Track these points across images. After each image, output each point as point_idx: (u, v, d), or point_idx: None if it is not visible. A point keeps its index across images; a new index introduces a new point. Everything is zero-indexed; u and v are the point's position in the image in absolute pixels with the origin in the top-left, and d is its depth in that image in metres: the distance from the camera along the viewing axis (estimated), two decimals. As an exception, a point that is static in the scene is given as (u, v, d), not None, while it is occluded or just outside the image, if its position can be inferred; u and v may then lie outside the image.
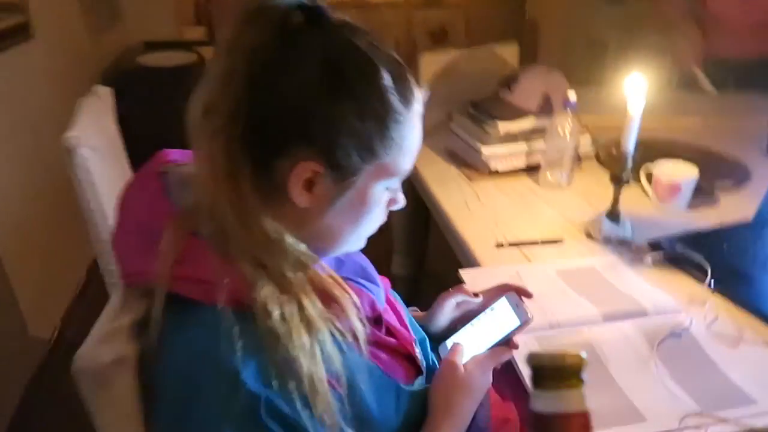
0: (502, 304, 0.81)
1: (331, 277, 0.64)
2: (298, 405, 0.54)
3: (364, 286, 0.70)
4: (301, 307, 0.57)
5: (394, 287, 0.87)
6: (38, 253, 1.94)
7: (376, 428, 0.65)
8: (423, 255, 2.14)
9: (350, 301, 0.62)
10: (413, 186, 1.65)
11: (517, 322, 0.76)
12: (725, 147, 1.57)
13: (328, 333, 0.58)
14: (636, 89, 1.08)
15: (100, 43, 2.72)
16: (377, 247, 0.81)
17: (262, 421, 0.53)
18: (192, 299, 0.56)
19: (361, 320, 0.62)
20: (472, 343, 0.77)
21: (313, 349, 0.56)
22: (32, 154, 1.91)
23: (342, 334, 0.60)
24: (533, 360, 0.37)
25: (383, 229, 0.71)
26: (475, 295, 0.84)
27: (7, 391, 1.68)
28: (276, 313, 0.55)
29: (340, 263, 0.73)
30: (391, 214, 0.69)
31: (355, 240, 0.68)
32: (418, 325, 0.84)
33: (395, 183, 0.65)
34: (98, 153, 1.03)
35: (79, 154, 1.00)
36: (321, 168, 0.58)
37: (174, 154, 0.67)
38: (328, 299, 0.60)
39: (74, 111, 1.15)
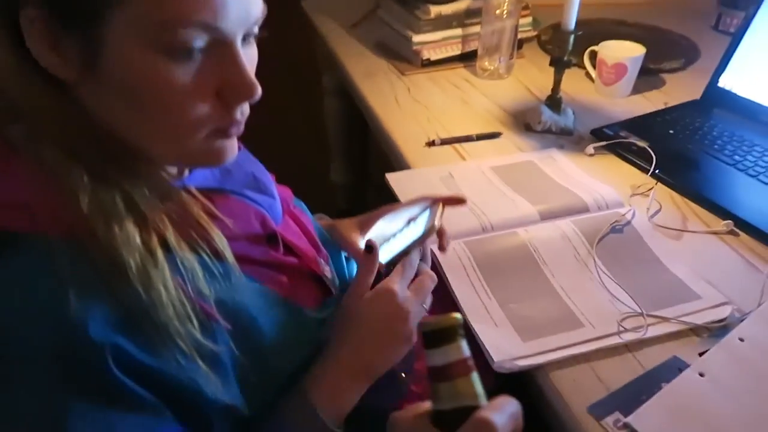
0: (423, 216, 0.71)
1: (186, 190, 0.53)
2: (150, 334, 0.44)
3: (252, 199, 0.59)
4: (125, 195, 0.46)
5: (333, 196, 0.76)
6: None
7: (276, 361, 0.56)
8: (364, 160, 2.02)
9: (212, 224, 0.51)
10: (346, 84, 1.51)
11: (421, 231, 0.66)
12: (673, 24, 1.46)
13: (188, 249, 0.48)
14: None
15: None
16: (311, 152, 0.68)
17: (112, 376, 0.43)
18: (6, 228, 0.44)
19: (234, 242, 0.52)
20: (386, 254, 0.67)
21: (152, 251, 0.45)
22: None
23: (209, 254, 0.49)
24: (421, 327, 0.46)
25: (318, 131, 0.57)
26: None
27: None
28: (85, 200, 0.43)
29: (226, 173, 0.60)
30: (325, 116, 0.56)
31: (168, 144, 0.49)
32: (329, 237, 0.74)
33: (173, 41, 0.43)
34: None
35: None
36: (37, 11, 0.42)
37: None
38: (189, 219, 0.49)
39: None
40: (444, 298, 0.75)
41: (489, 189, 0.93)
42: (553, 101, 1.08)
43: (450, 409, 0.45)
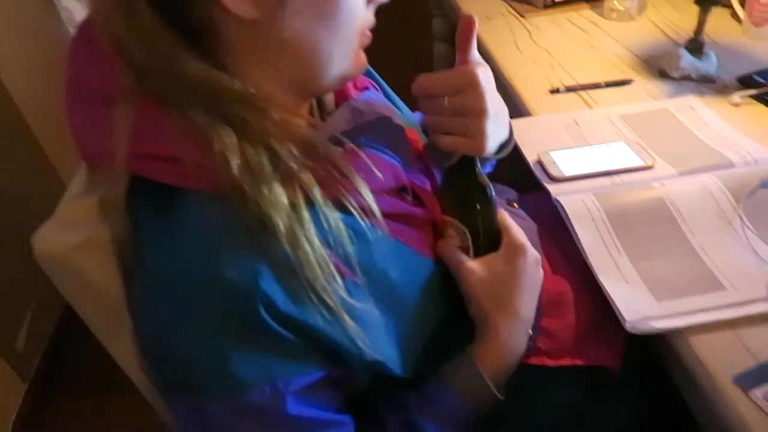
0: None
1: (339, 143, 0.52)
2: (297, 289, 0.45)
3: (384, 151, 0.57)
4: (272, 154, 0.46)
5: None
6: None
7: (418, 317, 0.56)
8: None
9: (360, 179, 0.50)
10: (455, 25, 1.46)
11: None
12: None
13: (329, 204, 0.48)
14: None
15: None
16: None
17: (263, 321, 0.44)
18: (160, 181, 0.46)
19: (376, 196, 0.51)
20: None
21: (298, 210, 0.45)
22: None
23: (355, 208, 0.49)
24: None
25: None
26: None
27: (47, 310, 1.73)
28: (235, 163, 0.44)
29: (357, 115, 0.59)
30: (435, 62, 0.54)
31: (343, 53, 0.52)
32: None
33: None
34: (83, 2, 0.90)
35: (63, 6, 0.87)
36: None
37: None
38: (330, 172, 0.49)
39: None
40: (568, 251, 0.72)
41: (619, 138, 0.87)
42: (695, 44, 0.98)
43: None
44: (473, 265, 0.60)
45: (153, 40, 0.44)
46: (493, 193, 0.63)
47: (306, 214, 0.46)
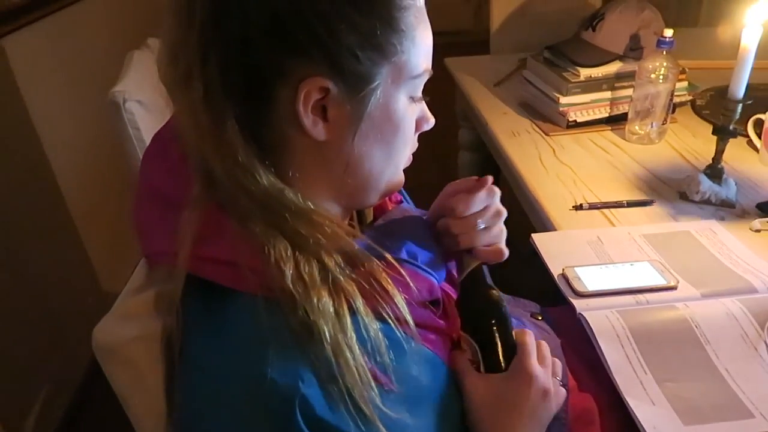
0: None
1: (380, 257, 0.55)
2: (335, 395, 0.46)
3: (421, 267, 0.60)
4: (322, 266, 0.49)
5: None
6: (106, 209, 1.97)
7: (444, 424, 0.57)
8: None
9: (398, 291, 0.53)
10: (482, 141, 1.54)
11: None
12: None
13: (369, 314, 0.50)
14: (756, 17, 0.91)
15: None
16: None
17: (297, 426, 0.45)
18: (216, 283, 0.49)
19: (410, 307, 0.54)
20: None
21: (342, 319, 0.48)
22: (95, 110, 1.92)
23: (391, 318, 0.51)
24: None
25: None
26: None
27: (81, 344, 1.74)
28: (289, 272, 0.47)
29: (393, 228, 0.64)
30: (459, 168, 0.60)
31: (392, 173, 0.59)
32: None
33: (417, 89, 0.56)
34: (147, 108, 0.98)
35: (127, 109, 0.95)
36: (328, 82, 0.49)
37: None
38: (371, 284, 0.52)
39: (125, 64, 1.10)
40: (592, 366, 0.73)
41: (642, 258, 0.90)
42: (714, 171, 1.03)
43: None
44: (478, 383, 0.60)
45: (235, 155, 0.48)
46: (507, 310, 0.64)
47: (349, 323, 0.49)
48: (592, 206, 1.03)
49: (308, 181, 0.54)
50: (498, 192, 0.69)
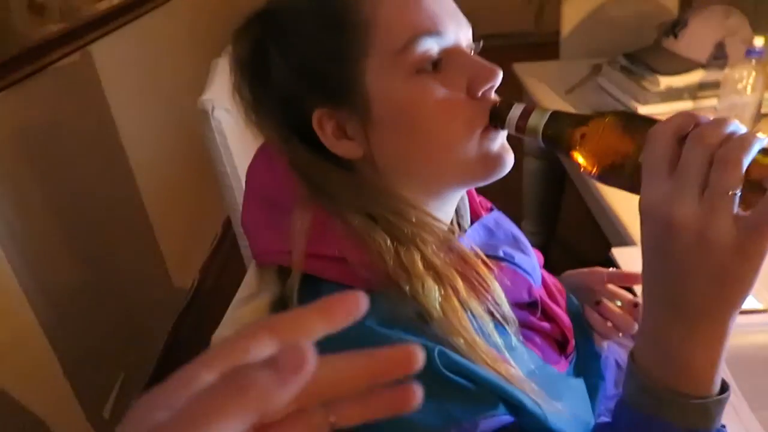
0: None
1: (474, 253, 0.56)
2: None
3: (520, 266, 0.61)
4: (422, 255, 0.50)
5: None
6: (180, 208, 2.05)
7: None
8: (554, 222, 1.99)
9: (496, 284, 0.54)
10: (548, 149, 1.51)
11: None
12: None
13: (476, 302, 0.51)
14: None
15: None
16: (505, 212, 0.72)
17: (440, 372, 0.46)
18: (327, 279, 0.52)
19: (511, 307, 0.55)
20: None
21: (451, 301, 0.49)
22: (174, 115, 2.00)
23: (497, 317, 0.52)
24: None
25: (512, 193, 0.61)
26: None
27: (152, 335, 1.82)
28: (390, 262, 0.49)
29: (490, 233, 0.64)
30: (523, 175, 0.59)
31: (457, 147, 0.53)
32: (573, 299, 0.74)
33: (417, 60, 0.50)
34: (232, 115, 1.01)
35: (215, 116, 0.99)
36: (326, 107, 0.53)
37: None
38: (469, 280, 0.52)
39: (210, 72, 1.14)
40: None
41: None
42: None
43: None
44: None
45: (311, 168, 0.54)
46: None
47: (457, 304, 0.50)
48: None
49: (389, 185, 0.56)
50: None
